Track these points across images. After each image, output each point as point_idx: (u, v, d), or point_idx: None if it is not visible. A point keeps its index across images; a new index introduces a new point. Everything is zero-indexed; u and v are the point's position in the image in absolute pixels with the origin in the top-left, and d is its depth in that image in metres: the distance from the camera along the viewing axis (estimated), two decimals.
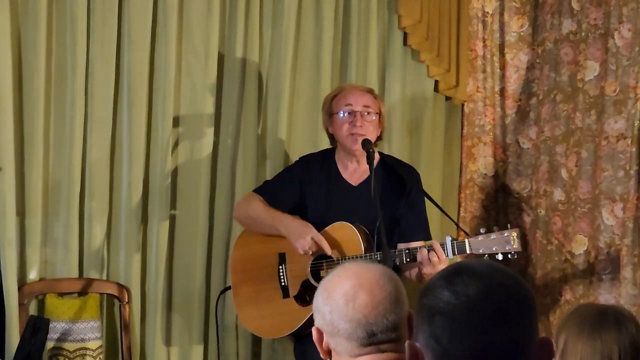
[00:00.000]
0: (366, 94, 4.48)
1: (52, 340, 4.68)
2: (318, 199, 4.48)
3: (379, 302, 2.37)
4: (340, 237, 4.31)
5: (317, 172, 4.53)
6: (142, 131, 4.88)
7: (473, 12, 5.67)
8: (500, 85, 5.73)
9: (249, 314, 4.53)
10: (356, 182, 4.47)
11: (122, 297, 4.85)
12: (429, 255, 4.14)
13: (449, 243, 4.18)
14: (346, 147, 4.42)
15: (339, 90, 4.54)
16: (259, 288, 4.47)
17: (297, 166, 4.61)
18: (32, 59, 4.66)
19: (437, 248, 4.15)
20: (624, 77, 5.14)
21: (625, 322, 2.71)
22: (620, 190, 5.15)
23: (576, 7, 5.37)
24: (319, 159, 4.59)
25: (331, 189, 4.49)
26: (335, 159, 4.54)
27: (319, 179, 4.51)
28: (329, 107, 4.49)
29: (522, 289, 1.77)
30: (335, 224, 4.33)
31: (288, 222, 4.39)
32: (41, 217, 4.71)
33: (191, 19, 4.97)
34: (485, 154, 5.75)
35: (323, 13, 5.24)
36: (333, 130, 4.47)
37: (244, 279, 4.52)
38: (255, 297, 4.49)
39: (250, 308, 4.52)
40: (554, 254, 5.45)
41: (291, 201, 4.52)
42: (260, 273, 4.46)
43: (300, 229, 4.33)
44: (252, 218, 4.50)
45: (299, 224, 4.37)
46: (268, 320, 4.45)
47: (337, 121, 4.42)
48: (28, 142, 4.68)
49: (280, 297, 4.41)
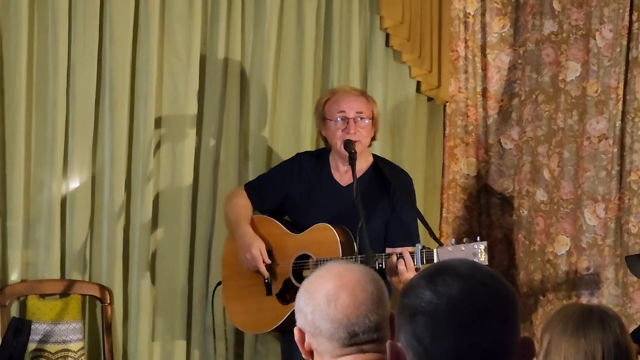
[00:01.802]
0: (359, 97, 4.49)
1: (34, 342, 4.66)
2: (304, 197, 4.51)
3: (361, 303, 2.37)
4: (319, 239, 4.32)
5: (308, 170, 4.55)
6: (124, 132, 4.86)
7: (455, 13, 5.68)
8: (482, 86, 5.73)
9: (235, 308, 4.57)
10: (345, 182, 4.48)
11: (104, 299, 4.83)
12: (397, 263, 4.13)
13: (418, 252, 4.17)
14: (340, 153, 4.43)
15: (332, 94, 4.55)
16: (245, 283, 4.48)
17: (290, 164, 4.65)
18: (14, 60, 4.64)
19: (406, 256, 4.13)
20: (605, 77, 5.16)
21: (610, 322, 2.71)
22: (602, 191, 5.17)
23: (557, 7, 5.39)
24: (313, 157, 4.63)
25: (319, 187, 4.51)
26: (329, 159, 4.56)
27: (309, 178, 4.53)
28: (322, 111, 4.50)
29: (504, 289, 1.76)
30: (317, 225, 4.34)
31: (242, 233, 4.45)
32: (23, 218, 4.70)
33: (173, 21, 4.96)
34: (468, 155, 5.75)
35: (305, 14, 5.24)
36: (326, 134, 4.50)
37: (232, 273, 4.55)
38: (241, 291, 4.51)
39: (236, 302, 4.55)
40: (536, 255, 5.46)
41: (276, 198, 4.56)
42: (247, 268, 4.45)
43: (248, 243, 4.40)
44: (225, 216, 4.64)
45: (249, 238, 4.42)
46: (252, 315, 4.48)
47: (330, 127, 4.44)
48: (9, 143, 4.66)
49: (263, 294, 4.43)
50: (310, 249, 4.34)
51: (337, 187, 4.51)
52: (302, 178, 4.54)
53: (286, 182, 4.56)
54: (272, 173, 4.71)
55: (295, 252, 4.38)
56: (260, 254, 4.37)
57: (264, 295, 4.43)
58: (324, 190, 4.51)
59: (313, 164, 4.58)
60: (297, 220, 4.50)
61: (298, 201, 4.53)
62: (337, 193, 4.48)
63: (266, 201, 4.58)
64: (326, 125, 4.48)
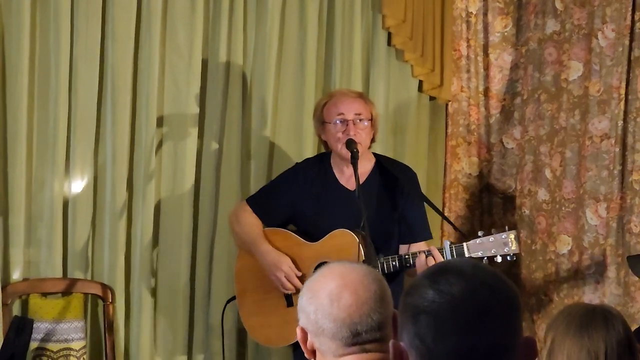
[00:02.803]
0: (357, 99, 4.45)
1: (36, 341, 4.67)
2: (314, 206, 4.46)
3: (364, 302, 2.37)
4: (339, 245, 4.28)
5: (312, 178, 4.50)
6: (126, 131, 4.87)
7: (457, 12, 5.68)
8: (484, 85, 5.73)
9: (254, 323, 4.52)
10: (353, 186, 4.44)
11: (106, 297, 4.83)
12: (427, 261, 4.13)
13: (447, 247, 4.17)
14: (340, 155, 4.41)
15: (329, 98, 4.51)
16: (263, 297, 4.44)
17: (292, 174, 4.58)
18: (16, 58, 4.64)
19: (436, 254, 4.14)
20: (607, 77, 5.16)
21: (613, 321, 2.72)
22: (604, 190, 5.17)
23: (560, 7, 5.39)
24: (315, 164, 4.58)
25: (327, 194, 4.47)
26: (332, 164, 4.52)
27: (315, 185, 4.49)
28: (320, 115, 4.46)
29: (506, 289, 1.76)
30: (335, 231, 4.31)
31: (263, 251, 4.41)
32: (25, 216, 4.70)
33: (175, 20, 4.96)
34: (470, 154, 5.75)
35: (307, 13, 5.24)
36: (326, 138, 4.45)
37: (248, 289, 4.51)
38: (260, 306, 4.47)
39: (255, 317, 4.51)
40: (538, 254, 5.46)
41: (283, 213, 4.52)
42: (265, 282, 4.41)
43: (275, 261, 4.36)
44: (237, 235, 4.57)
45: (273, 256, 4.38)
46: (274, 329, 4.43)
47: (329, 130, 4.40)
48: (11, 142, 4.66)
49: (284, 306, 4.39)
50: (330, 256, 4.24)
51: (345, 192, 4.46)
52: (307, 187, 4.49)
53: (292, 193, 4.50)
54: (276, 185, 4.63)
55: (314, 261, 4.33)
56: (291, 269, 4.34)
57: (285, 308, 4.39)
58: (332, 196, 4.47)
59: (317, 170, 4.53)
60: (308, 229, 4.45)
61: (307, 210, 4.48)
62: (346, 198, 4.42)
63: (273, 215, 4.53)
64: (325, 129, 4.44)
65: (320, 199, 4.47)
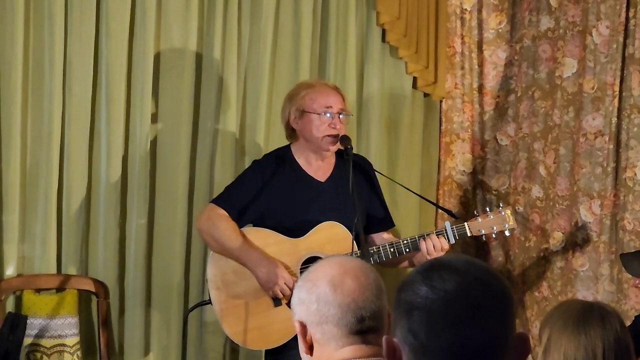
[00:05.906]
0: (339, 93, 4.43)
1: (30, 337, 4.66)
2: (284, 201, 4.37)
3: (366, 287, 2.39)
4: (330, 237, 4.27)
5: (279, 173, 4.40)
6: (121, 127, 4.86)
7: (451, 9, 5.69)
8: (478, 82, 5.74)
9: (237, 329, 4.32)
10: (323, 177, 4.42)
11: (100, 293, 4.83)
12: (427, 245, 4.20)
13: (449, 229, 4.24)
14: (319, 147, 4.36)
15: (310, 87, 4.42)
16: (245, 301, 4.30)
17: (257, 170, 4.44)
18: (9, 54, 4.63)
19: (434, 238, 4.22)
20: (601, 74, 5.16)
21: (610, 318, 2.72)
22: (597, 187, 5.17)
23: (554, 4, 5.39)
24: (278, 158, 4.46)
25: (297, 187, 4.40)
26: (294, 156, 4.45)
27: (284, 180, 4.39)
28: (301, 103, 4.37)
29: (499, 285, 1.76)
30: (322, 224, 4.28)
31: (254, 258, 4.25)
32: (19, 212, 4.69)
33: (169, 15, 4.96)
34: (464, 151, 5.76)
35: (301, 10, 5.24)
36: (302, 127, 4.37)
37: (228, 295, 4.32)
38: (242, 311, 4.30)
39: (238, 323, 4.32)
40: (532, 251, 5.47)
41: (255, 210, 4.38)
42: (246, 285, 4.29)
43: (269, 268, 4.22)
44: (218, 241, 4.31)
45: (265, 263, 4.23)
46: (263, 330, 4.30)
47: (312, 120, 4.33)
48: (5, 138, 4.65)
49: (271, 307, 4.27)
50: (322, 250, 4.23)
51: (315, 183, 4.41)
52: (275, 182, 4.38)
53: (261, 190, 4.37)
54: (243, 185, 4.44)
55: (301, 256, 4.28)
56: (289, 277, 4.21)
57: (272, 308, 4.27)
58: (303, 189, 4.39)
59: (282, 164, 4.42)
60: (284, 224, 4.33)
61: (278, 206, 4.37)
62: (317, 190, 4.39)
63: (245, 215, 4.38)
64: (306, 119, 4.34)
65: (291, 192, 4.39)
